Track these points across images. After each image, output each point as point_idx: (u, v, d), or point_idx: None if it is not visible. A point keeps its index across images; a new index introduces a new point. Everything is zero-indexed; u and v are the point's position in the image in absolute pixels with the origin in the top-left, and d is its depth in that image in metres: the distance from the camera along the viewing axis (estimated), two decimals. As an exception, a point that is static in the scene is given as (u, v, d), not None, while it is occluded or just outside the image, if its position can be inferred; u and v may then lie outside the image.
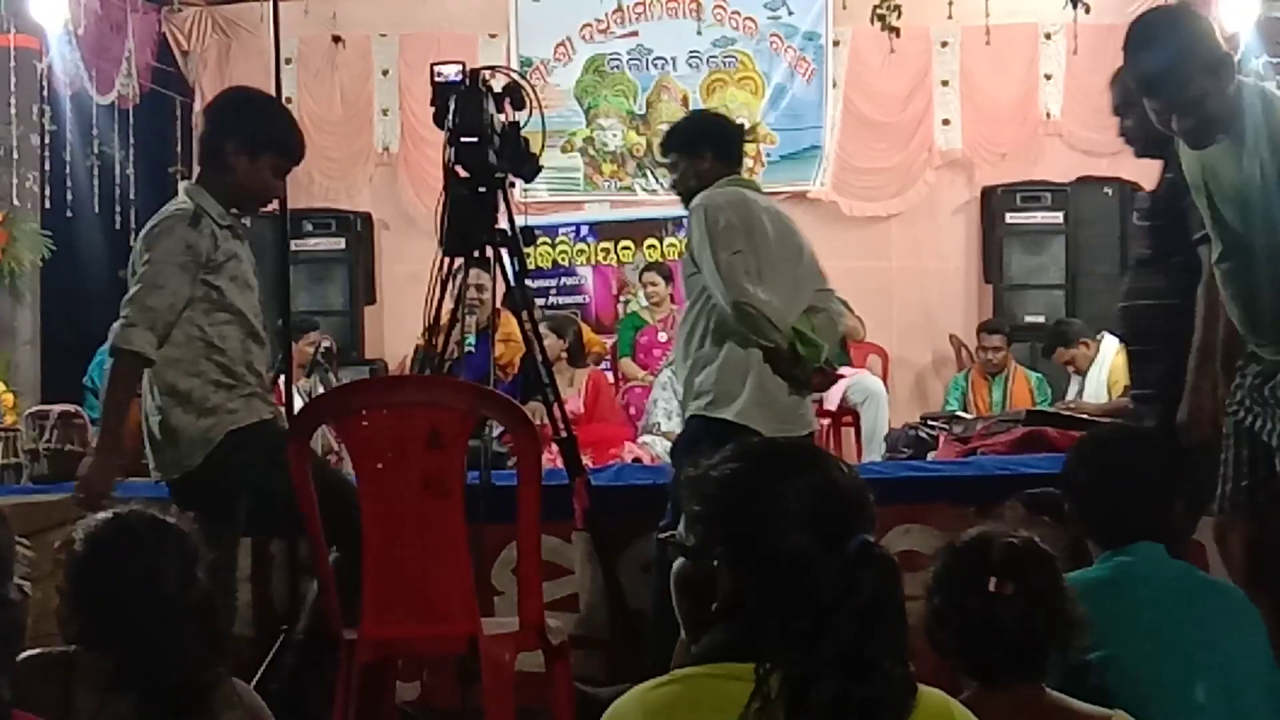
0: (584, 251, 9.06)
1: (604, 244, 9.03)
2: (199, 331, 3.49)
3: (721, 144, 4.25)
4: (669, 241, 8.79)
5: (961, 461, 5.06)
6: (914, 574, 1.95)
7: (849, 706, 1.54)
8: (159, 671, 2.15)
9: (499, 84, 4.04)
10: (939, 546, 2.34)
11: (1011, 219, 8.66)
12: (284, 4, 4.93)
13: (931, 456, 5.65)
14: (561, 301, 8.83)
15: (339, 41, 9.14)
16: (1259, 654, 2.58)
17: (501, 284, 4.17)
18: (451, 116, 3.95)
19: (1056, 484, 2.82)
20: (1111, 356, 7.00)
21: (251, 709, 2.35)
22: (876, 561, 1.60)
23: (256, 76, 7.89)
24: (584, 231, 9.07)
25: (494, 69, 4.15)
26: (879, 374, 8.10)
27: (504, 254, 4.07)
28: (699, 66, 9.13)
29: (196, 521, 2.31)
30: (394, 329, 8.82)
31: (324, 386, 6.06)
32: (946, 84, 9.02)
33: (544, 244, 8.83)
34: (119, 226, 7.92)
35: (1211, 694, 2.46)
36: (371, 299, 9.10)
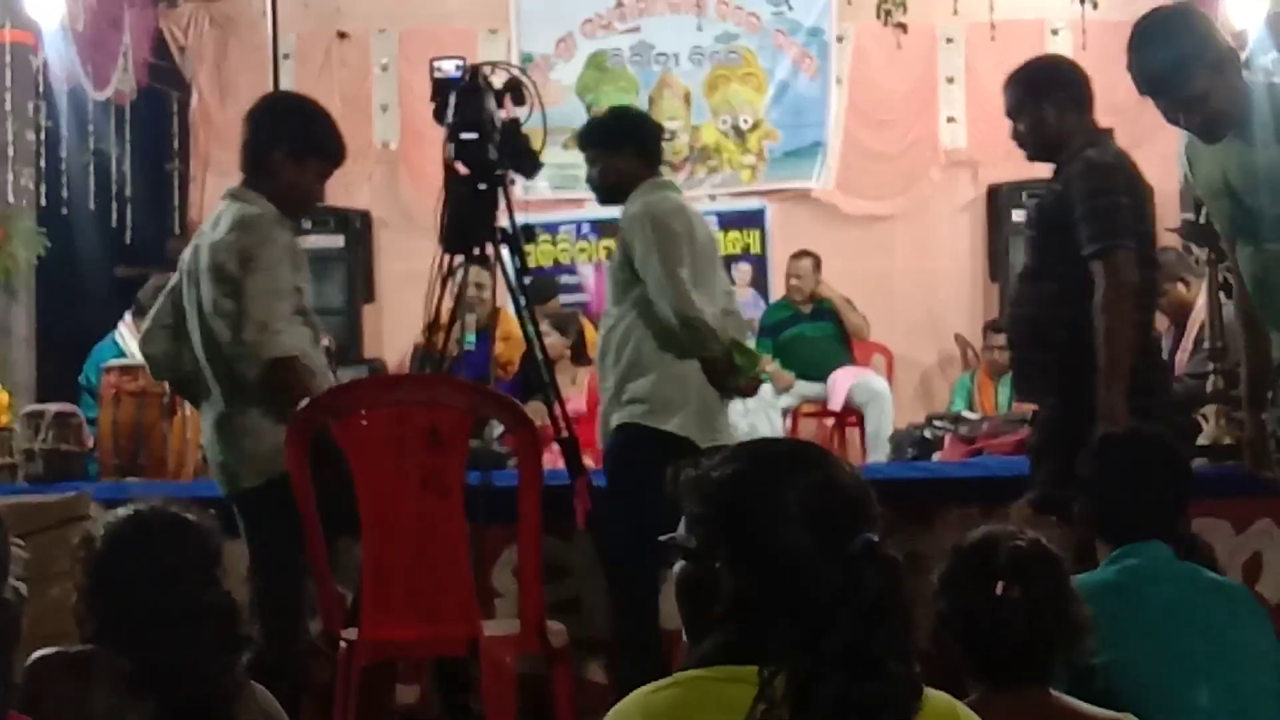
0: (585, 249, 9.01)
1: (606, 241, 8.99)
2: None
3: (643, 143, 4.28)
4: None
5: (967, 462, 5.05)
6: (920, 576, 1.93)
7: (853, 706, 1.52)
8: (176, 675, 2.13)
9: (499, 80, 4.02)
10: (945, 548, 2.33)
11: (1018, 217, 8.60)
12: (282, -1, 4.90)
13: (937, 457, 5.61)
14: (563, 299, 8.80)
15: (344, 36, 9.09)
16: (1267, 655, 2.57)
17: (503, 283, 4.16)
18: (451, 112, 3.93)
19: (1068, 482, 2.82)
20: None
21: (267, 713, 2.32)
22: (880, 561, 1.58)
23: (254, 72, 7.93)
24: (585, 229, 9.02)
25: (494, 64, 4.13)
26: (883, 374, 8.05)
27: (504, 251, 4.05)
28: (701, 62, 9.07)
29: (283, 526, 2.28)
30: (393, 327, 8.77)
31: (323, 385, 6.02)
32: (951, 81, 8.94)
33: (545, 241, 8.78)
34: (115, 224, 7.88)
35: (1219, 697, 2.46)
36: (370, 297, 9.04)
